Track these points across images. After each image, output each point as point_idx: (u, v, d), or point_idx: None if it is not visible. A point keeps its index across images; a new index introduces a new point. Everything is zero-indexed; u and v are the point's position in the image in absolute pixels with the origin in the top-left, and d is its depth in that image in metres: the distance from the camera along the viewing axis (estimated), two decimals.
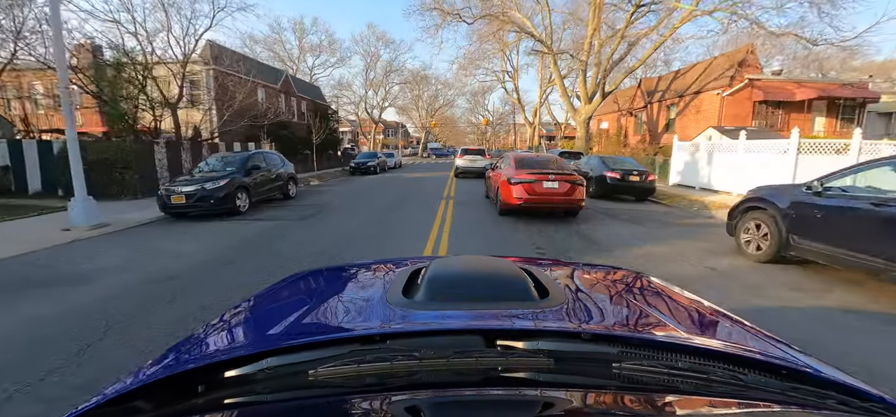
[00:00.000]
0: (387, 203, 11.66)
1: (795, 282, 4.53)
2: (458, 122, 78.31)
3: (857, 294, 4.15)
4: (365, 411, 0.67)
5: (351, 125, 69.64)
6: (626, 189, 11.81)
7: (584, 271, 1.50)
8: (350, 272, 1.48)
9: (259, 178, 10.47)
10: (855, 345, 3.11)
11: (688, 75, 22.16)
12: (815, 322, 3.52)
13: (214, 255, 5.72)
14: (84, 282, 4.54)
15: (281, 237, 6.96)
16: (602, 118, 32.93)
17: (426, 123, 65.29)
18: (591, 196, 12.41)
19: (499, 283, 1.06)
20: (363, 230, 7.66)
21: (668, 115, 23.01)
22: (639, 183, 11.77)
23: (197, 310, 3.70)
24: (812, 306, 3.88)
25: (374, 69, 48.05)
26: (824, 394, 0.72)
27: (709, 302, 1.22)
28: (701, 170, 14.23)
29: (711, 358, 0.75)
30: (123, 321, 3.50)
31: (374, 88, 49.01)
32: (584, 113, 20.95)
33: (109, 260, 5.51)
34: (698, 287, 4.30)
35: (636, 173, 11.81)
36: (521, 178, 7.99)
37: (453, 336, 0.81)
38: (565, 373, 0.75)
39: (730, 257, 5.56)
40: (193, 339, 1.00)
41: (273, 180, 11.26)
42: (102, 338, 3.18)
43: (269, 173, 11.06)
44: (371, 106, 49.67)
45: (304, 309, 1.09)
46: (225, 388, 0.76)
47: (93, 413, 0.69)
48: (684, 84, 21.86)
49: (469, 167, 19.37)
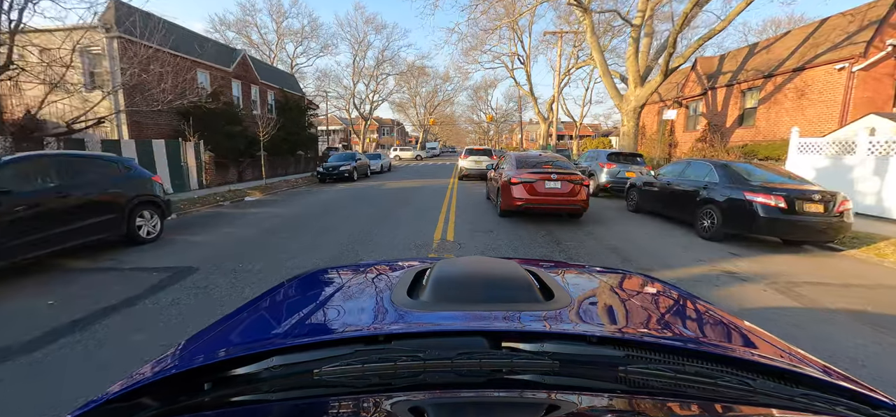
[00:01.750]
0: (333, 247, 5.93)
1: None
2: (458, 120, 72.54)
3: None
4: (369, 411, 0.66)
5: (343, 123, 63.55)
6: (795, 228, 5.98)
7: (590, 273, 1.48)
8: (356, 272, 1.44)
9: (25, 210, 4.71)
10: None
11: (777, 48, 16.30)
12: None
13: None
14: None
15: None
16: None
17: (424, 121, 59.76)
18: (709, 237, 6.75)
19: (504, 285, 1.06)
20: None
21: (741, 103, 17.17)
22: (823, 217, 5.94)
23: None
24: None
25: (362, 58, 42.33)
26: (834, 400, 0.70)
27: (716, 306, 1.18)
28: (863, 183, 8.50)
29: (719, 363, 0.75)
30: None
31: (364, 79, 43.18)
32: (635, 99, 15.14)
33: None
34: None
35: (816, 197, 5.98)
36: (521, 178, 7.57)
37: (458, 337, 0.82)
38: (570, 376, 0.74)
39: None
40: (199, 338, 1.00)
41: (84, 210, 5.48)
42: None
43: (66, 197, 5.28)
44: (361, 100, 43.79)
45: (310, 308, 1.10)
46: (231, 386, 0.76)
47: (100, 410, 0.70)
48: (772, 59, 15.99)
49: (474, 169, 17.42)
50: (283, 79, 27.79)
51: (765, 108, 15.84)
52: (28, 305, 3.94)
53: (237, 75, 21.74)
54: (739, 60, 18.11)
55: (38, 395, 2.49)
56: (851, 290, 4.45)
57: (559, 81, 27.27)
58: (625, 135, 15.74)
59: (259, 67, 24.89)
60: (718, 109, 18.36)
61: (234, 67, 21.38)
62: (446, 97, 62.60)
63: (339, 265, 1.61)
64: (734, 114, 17.47)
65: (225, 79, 20.71)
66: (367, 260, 5.10)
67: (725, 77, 18.12)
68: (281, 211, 9.92)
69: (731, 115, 17.68)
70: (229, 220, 8.78)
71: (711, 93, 18.85)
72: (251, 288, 4.34)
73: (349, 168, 18.03)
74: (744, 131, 16.89)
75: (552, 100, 31.50)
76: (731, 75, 17.81)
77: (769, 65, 15.79)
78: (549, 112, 32.21)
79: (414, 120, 65.54)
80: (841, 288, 4.53)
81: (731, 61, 18.83)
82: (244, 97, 22.43)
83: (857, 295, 4.26)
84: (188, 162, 14.01)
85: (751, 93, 16.76)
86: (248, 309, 1.19)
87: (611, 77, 16.07)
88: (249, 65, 22.92)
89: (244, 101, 22.34)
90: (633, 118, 15.44)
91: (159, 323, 3.50)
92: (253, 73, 23.17)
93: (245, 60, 22.56)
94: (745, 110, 17.04)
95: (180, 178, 13.60)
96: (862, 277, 4.95)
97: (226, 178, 16.60)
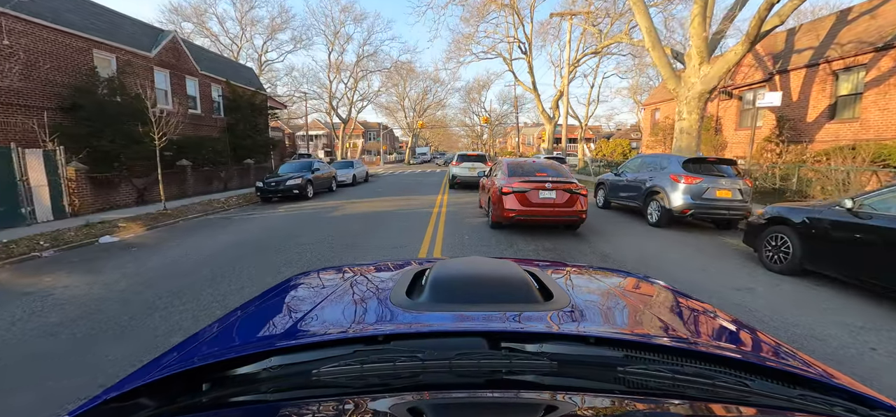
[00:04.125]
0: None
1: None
2: (450, 124, 67.96)
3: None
4: (368, 412, 0.65)
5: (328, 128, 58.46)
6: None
7: (589, 274, 1.47)
8: (354, 273, 1.43)
9: None
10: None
11: (890, 10, 11.80)
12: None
13: None
14: None
15: None
16: (658, 104, 22.66)
17: (413, 124, 55.25)
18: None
19: (502, 285, 1.04)
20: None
21: (833, 89, 12.69)
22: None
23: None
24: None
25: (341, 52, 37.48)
26: (831, 401, 0.70)
27: (715, 307, 1.17)
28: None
29: (717, 364, 0.75)
30: None
31: (343, 77, 38.30)
32: (701, 81, 10.56)
33: None
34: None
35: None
36: (514, 188, 6.97)
37: (456, 337, 0.81)
38: (569, 377, 0.73)
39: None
40: (198, 337, 0.99)
41: None
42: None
43: None
44: (339, 100, 38.88)
45: (309, 309, 1.08)
46: (229, 386, 0.75)
47: (97, 410, 0.69)
48: (885, 26, 11.48)
49: (468, 176, 15.84)
50: (236, 72, 22.84)
51: (876, 95, 11.34)
52: None
53: (164, 62, 16.78)
54: (822, 33, 13.65)
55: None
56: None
57: (569, 70, 22.71)
58: (684, 131, 11.11)
59: (199, 55, 19.93)
60: (794, 99, 13.85)
61: (159, 52, 16.42)
62: (437, 99, 58.11)
63: (338, 265, 1.60)
64: (821, 105, 12.97)
65: (145, 66, 15.75)
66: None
67: (803, 56, 13.65)
68: (86, 282, 5.01)
69: (814, 106, 13.18)
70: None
71: (781, 78, 14.38)
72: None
73: (298, 182, 13.14)
74: (838, 126, 12.40)
75: (558, 96, 26.93)
76: (813, 53, 13.34)
77: (882, 34, 11.31)
78: (554, 110, 27.65)
79: (402, 124, 60.90)
80: None
81: (808, 35, 14.37)
82: (176, 91, 17.46)
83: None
84: (31, 179, 9.04)
85: (849, 74, 12.27)
86: (247, 309, 1.18)
87: (663, 50, 11.45)
88: (183, 50, 17.94)
89: (176, 96, 17.40)
90: (697, 107, 10.83)
91: None
92: (188, 62, 18.20)
93: (176, 45, 17.59)
94: (839, 98, 12.55)
95: (10, 204, 8.63)
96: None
97: (113, 200, 11.58)
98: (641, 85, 40.19)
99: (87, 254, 6.56)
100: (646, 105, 24.31)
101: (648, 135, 22.97)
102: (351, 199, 13.34)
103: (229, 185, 17.23)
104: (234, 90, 20.50)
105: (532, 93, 28.15)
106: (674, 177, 8.02)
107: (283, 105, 29.47)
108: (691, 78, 10.80)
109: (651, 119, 23.32)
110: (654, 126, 22.51)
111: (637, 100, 41.33)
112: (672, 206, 7.90)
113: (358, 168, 20.82)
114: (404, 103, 55.75)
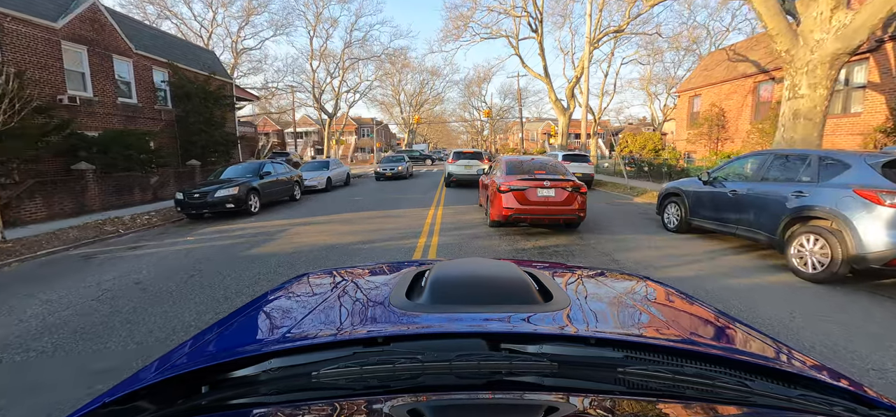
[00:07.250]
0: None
1: None
2: (449, 119, 64.15)
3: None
4: (367, 413, 0.65)
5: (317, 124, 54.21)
6: None
7: (589, 275, 1.45)
8: (354, 274, 1.41)
9: None
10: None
11: None
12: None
13: None
14: None
15: None
16: (698, 90, 18.87)
17: (409, 120, 51.62)
18: None
19: (502, 286, 1.03)
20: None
21: None
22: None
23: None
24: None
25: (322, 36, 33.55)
26: (831, 401, 0.70)
27: (715, 307, 1.16)
28: None
29: (717, 364, 0.74)
30: None
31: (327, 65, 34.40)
32: (835, 37, 6.80)
33: None
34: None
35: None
36: (512, 185, 6.85)
37: (456, 339, 0.81)
38: (569, 378, 0.73)
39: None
40: (196, 340, 0.98)
41: None
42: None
43: None
44: (322, 89, 34.99)
45: (308, 310, 1.07)
46: (228, 389, 0.75)
47: (96, 413, 0.69)
48: None
49: (464, 174, 15.29)
50: (191, 55, 18.95)
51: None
52: None
53: (78, 36, 12.90)
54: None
55: None
56: None
57: (589, 48, 18.88)
58: (801, 116, 7.34)
59: (137, 31, 16.01)
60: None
61: (71, 22, 12.57)
62: (435, 94, 54.34)
63: (337, 267, 1.56)
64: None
65: (48, 39, 11.91)
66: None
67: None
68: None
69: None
70: None
71: (894, 45, 10.62)
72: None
73: (233, 193, 9.33)
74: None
75: (574, 81, 23.09)
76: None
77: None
78: (569, 99, 23.82)
79: (398, 119, 57.06)
80: None
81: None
82: (95, 75, 13.60)
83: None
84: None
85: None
86: (245, 311, 1.16)
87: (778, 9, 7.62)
88: (107, 22, 14.01)
89: (97, 80, 13.56)
90: (825, 78, 7.06)
91: None
92: (116, 38, 14.29)
93: (97, 15, 13.66)
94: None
95: None
96: None
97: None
98: (657, 74, 36.48)
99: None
100: (681, 92, 20.46)
101: (686, 126, 19.18)
102: (310, 216, 9.55)
103: (160, 194, 13.39)
104: (181, 74, 16.61)
105: (542, 80, 24.30)
106: (864, 195, 4.28)
107: (253, 97, 25.59)
108: (816, 33, 7.02)
109: (689, 108, 19.49)
110: (694, 117, 18.72)
111: (650, 92, 37.63)
112: (866, 250, 4.16)
113: (335, 169, 17.03)
114: (400, 97, 52.07)
